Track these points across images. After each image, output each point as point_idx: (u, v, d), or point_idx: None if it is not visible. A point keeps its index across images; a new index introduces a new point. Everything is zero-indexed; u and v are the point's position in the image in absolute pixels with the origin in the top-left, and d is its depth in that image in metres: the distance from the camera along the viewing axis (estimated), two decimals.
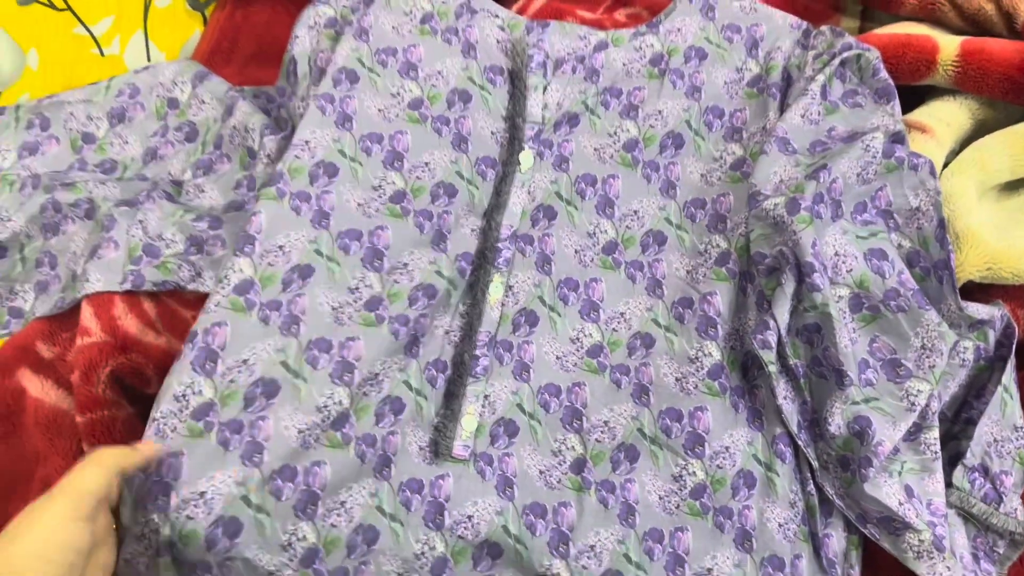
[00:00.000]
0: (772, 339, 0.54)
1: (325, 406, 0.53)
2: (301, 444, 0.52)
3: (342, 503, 0.51)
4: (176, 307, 0.60)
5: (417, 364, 0.56)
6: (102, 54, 0.76)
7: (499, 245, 0.60)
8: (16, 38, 0.75)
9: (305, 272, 0.57)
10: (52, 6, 0.76)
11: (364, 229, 0.59)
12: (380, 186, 0.60)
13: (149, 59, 0.75)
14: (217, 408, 0.52)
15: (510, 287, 0.59)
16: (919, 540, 0.52)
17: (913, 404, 0.53)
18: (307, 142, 0.59)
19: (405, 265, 0.59)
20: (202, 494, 0.49)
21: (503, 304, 0.59)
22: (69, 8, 0.76)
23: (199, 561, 0.49)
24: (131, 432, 0.57)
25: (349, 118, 0.61)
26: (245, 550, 0.49)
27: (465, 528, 0.52)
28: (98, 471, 0.44)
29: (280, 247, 0.57)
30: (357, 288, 0.57)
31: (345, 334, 0.56)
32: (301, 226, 0.57)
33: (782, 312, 0.54)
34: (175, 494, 0.49)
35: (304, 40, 0.64)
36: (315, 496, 0.51)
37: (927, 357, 0.54)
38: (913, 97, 0.66)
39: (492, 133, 0.63)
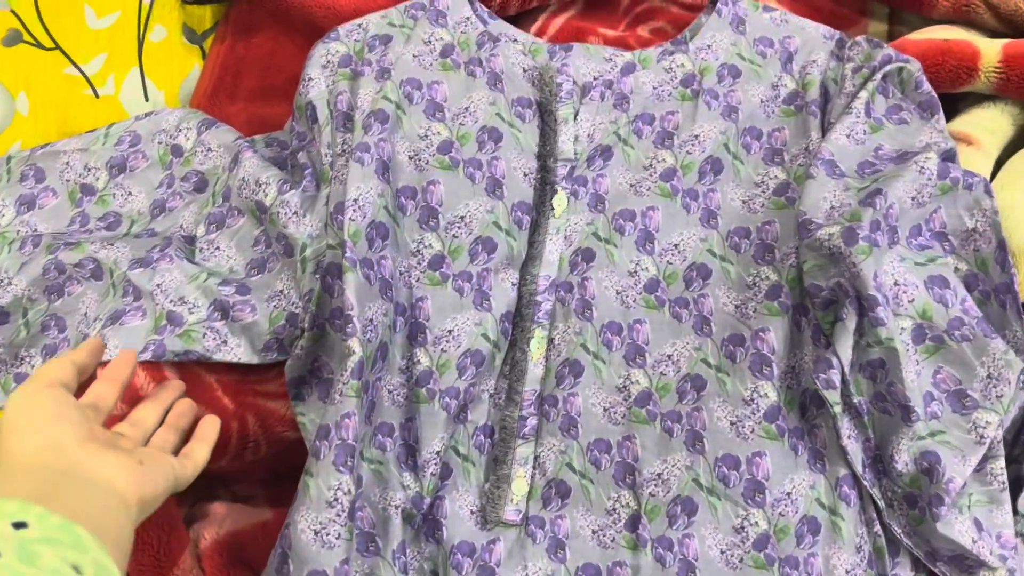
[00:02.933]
0: (836, 378, 0.52)
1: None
2: None
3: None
4: (200, 372, 0.57)
5: (465, 430, 0.55)
6: (96, 95, 0.72)
7: (538, 298, 0.57)
8: (3, 81, 0.71)
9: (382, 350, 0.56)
10: (40, 45, 0.72)
11: (406, 303, 0.57)
12: (418, 250, 0.58)
13: (147, 98, 0.71)
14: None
15: (551, 340, 0.57)
16: None
17: (982, 436, 0.51)
18: (356, 200, 0.56)
19: (450, 332, 0.56)
20: None
21: (546, 358, 0.56)
22: (58, 47, 0.72)
23: None
24: (161, 509, 0.53)
25: (387, 167, 0.58)
26: None
27: None
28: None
29: (371, 320, 0.55)
30: (407, 368, 0.56)
31: (404, 415, 0.55)
32: (376, 297, 0.55)
33: (845, 349, 0.52)
34: None
35: (319, 82, 0.60)
36: None
37: (994, 387, 0.52)
38: (945, 102, 0.64)
39: (525, 175, 0.60)
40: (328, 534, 0.49)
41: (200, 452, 0.50)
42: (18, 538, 0.33)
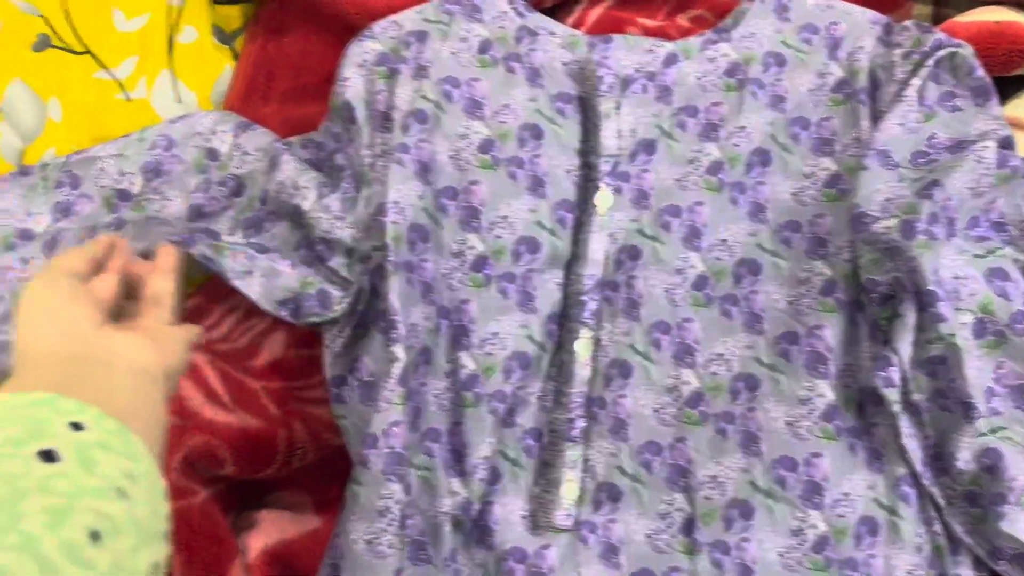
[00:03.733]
0: (895, 376, 0.51)
1: None
2: None
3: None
4: (245, 379, 0.57)
5: (513, 433, 0.54)
6: (128, 99, 0.71)
7: (583, 298, 0.56)
8: (34, 87, 0.71)
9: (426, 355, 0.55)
10: (70, 50, 0.71)
11: (450, 305, 0.56)
12: (460, 252, 0.57)
13: (180, 100, 0.70)
14: None
15: (598, 340, 0.56)
16: None
17: None
18: (396, 202, 0.55)
19: (495, 335, 0.55)
20: None
21: (593, 359, 0.55)
22: (88, 51, 0.71)
23: None
24: (207, 520, 0.53)
25: (427, 168, 0.57)
26: None
27: None
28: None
29: (414, 324, 0.54)
30: (452, 372, 0.55)
31: (450, 420, 0.54)
32: (418, 300, 0.55)
33: (904, 345, 0.51)
34: None
35: (356, 81, 0.59)
36: None
37: None
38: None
39: (567, 172, 0.59)
40: (380, 544, 0.49)
41: (164, 284, 0.48)
42: (76, 441, 0.32)
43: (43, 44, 0.71)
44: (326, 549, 0.50)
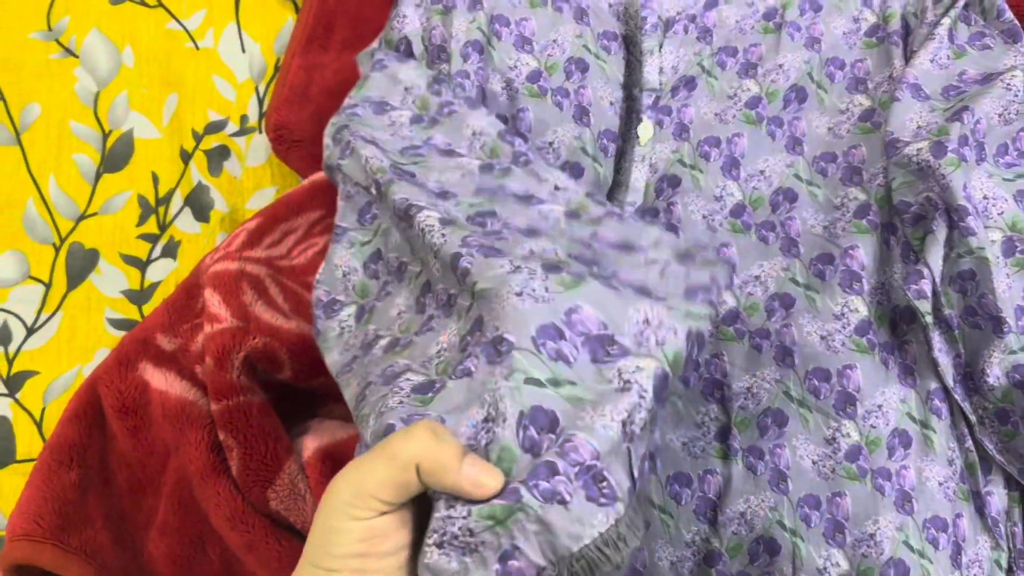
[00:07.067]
0: (927, 288, 0.52)
1: None
2: None
3: None
4: (300, 291, 0.60)
5: None
6: (196, 47, 0.75)
7: None
8: (110, 36, 0.75)
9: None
10: (144, 4, 0.76)
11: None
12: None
13: (243, 50, 0.75)
14: None
15: None
16: None
17: None
18: (474, 132, 0.58)
19: None
20: None
21: None
22: (161, 4, 0.76)
23: None
24: (266, 417, 0.56)
25: (484, 95, 0.60)
26: None
27: None
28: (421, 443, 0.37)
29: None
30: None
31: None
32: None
33: (936, 259, 0.52)
34: None
35: (413, 19, 0.63)
36: None
37: None
38: None
39: (611, 103, 0.61)
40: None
41: None
42: None
43: None
44: None
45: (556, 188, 0.55)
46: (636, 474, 0.40)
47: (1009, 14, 0.60)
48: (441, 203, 0.52)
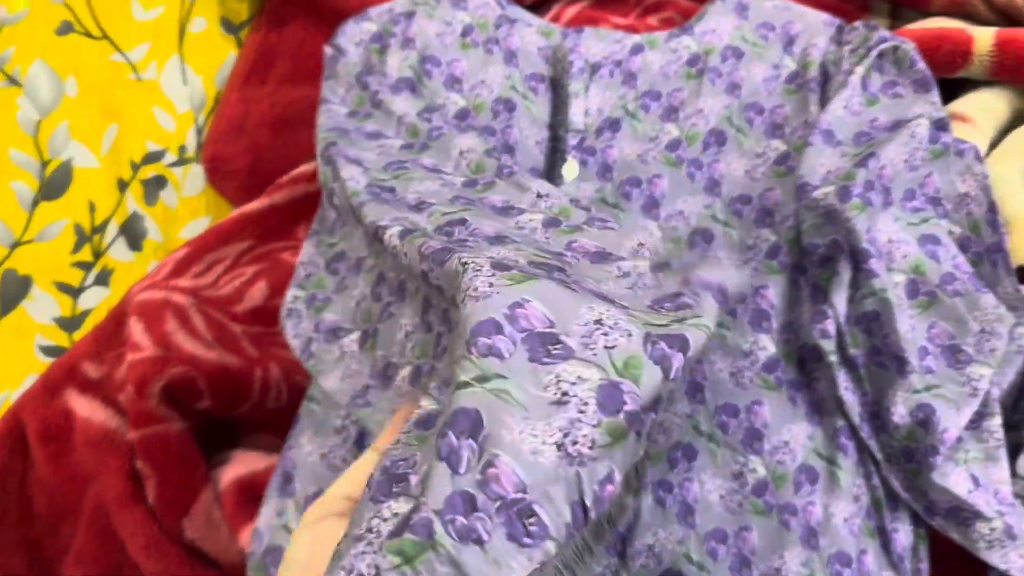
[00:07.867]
0: (831, 328, 0.54)
1: None
2: None
3: None
4: (224, 321, 0.60)
5: None
6: (139, 79, 0.76)
7: None
8: (54, 67, 0.76)
9: None
10: (89, 35, 0.77)
11: None
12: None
13: (185, 82, 0.76)
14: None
15: None
16: (990, 529, 0.51)
17: (976, 389, 0.52)
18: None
19: None
20: None
21: None
22: (106, 36, 0.77)
23: None
24: (184, 446, 0.56)
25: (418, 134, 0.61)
26: None
27: None
28: None
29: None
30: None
31: None
32: None
33: (840, 300, 0.54)
34: None
35: (353, 56, 0.64)
36: None
37: (987, 341, 0.53)
38: (944, 93, 0.66)
39: (537, 143, 0.63)
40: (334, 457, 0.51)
41: None
42: None
43: (66, 29, 0.77)
44: (278, 461, 0.52)
45: (539, 195, 0.55)
46: (590, 501, 0.35)
47: (921, 64, 0.62)
48: (412, 215, 0.50)
